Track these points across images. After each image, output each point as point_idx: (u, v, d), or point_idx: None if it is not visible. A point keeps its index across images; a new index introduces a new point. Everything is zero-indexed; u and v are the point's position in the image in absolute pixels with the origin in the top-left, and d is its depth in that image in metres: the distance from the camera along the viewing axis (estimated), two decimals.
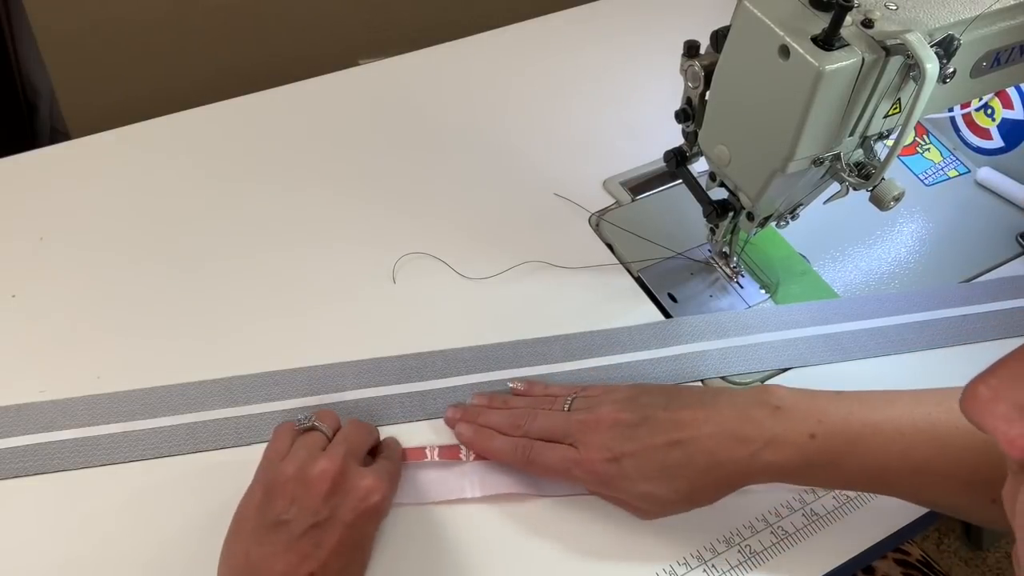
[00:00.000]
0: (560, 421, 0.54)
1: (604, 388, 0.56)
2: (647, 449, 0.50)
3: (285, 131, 0.78)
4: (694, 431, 0.50)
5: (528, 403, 0.57)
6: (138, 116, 0.78)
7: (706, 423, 0.50)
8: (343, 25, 1.20)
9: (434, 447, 0.57)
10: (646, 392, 0.54)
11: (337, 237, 0.70)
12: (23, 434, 0.57)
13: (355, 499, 0.49)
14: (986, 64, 0.55)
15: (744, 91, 0.53)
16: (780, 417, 0.49)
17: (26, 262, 0.67)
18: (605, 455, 0.51)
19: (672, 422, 0.51)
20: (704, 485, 0.50)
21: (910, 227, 0.75)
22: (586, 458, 0.51)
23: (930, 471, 0.48)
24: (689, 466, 0.50)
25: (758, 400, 0.50)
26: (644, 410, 0.52)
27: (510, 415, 0.56)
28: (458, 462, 0.56)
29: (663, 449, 0.50)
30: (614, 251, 0.71)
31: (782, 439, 0.49)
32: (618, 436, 0.51)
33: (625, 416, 0.52)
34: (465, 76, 0.85)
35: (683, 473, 0.50)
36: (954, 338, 0.66)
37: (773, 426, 0.49)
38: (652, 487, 0.50)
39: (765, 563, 0.54)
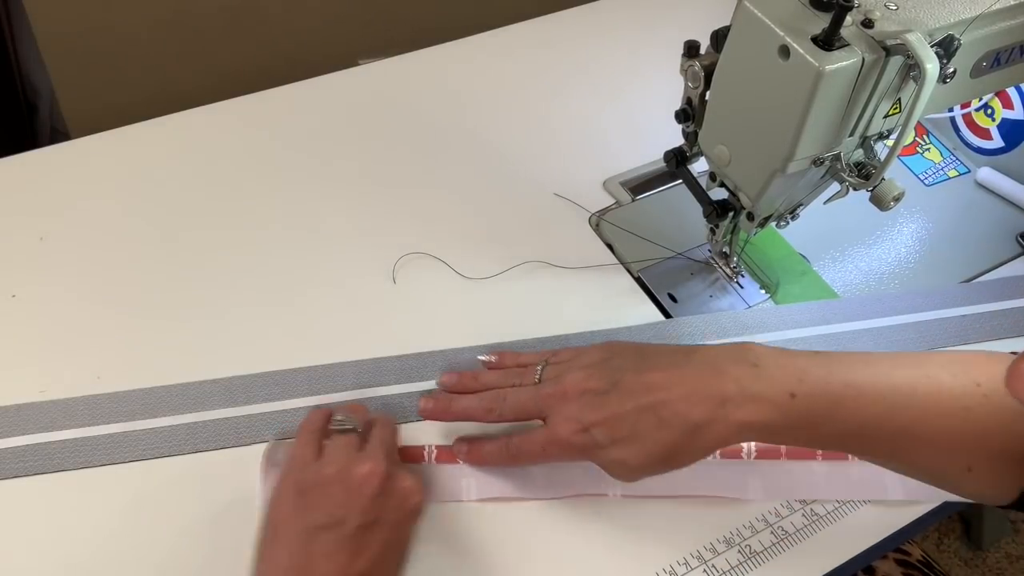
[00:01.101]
0: (530, 396, 0.53)
1: (574, 352, 0.55)
2: (616, 416, 0.49)
3: (285, 131, 0.78)
4: (665, 393, 0.48)
5: (498, 377, 0.57)
6: (138, 116, 0.78)
7: (679, 384, 0.48)
8: (343, 25, 1.20)
9: (432, 448, 0.57)
10: (617, 353, 0.52)
11: (337, 237, 0.70)
12: (23, 434, 0.57)
13: (399, 500, 0.49)
14: (986, 64, 0.55)
15: (744, 91, 0.53)
16: (758, 375, 0.47)
17: (26, 262, 0.67)
18: (574, 427, 0.50)
19: (642, 385, 0.49)
20: (679, 448, 0.48)
21: (910, 227, 0.75)
22: (557, 435, 0.50)
23: (909, 435, 0.47)
24: (662, 429, 0.48)
25: (735, 357, 0.49)
26: (613, 374, 0.50)
27: (481, 400, 0.55)
28: (456, 464, 0.56)
29: (633, 414, 0.48)
30: (614, 251, 0.71)
31: (761, 397, 0.47)
32: (586, 405, 0.50)
33: (593, 384, 0.51)
34: (465, 76, 0.85)
35: (656, 437, 0.48)
36: (954, 338, 0.66)
37: (751, 384, 0.47)
38: (624, 453, 0.49)
39: (765, 563, 0.54)
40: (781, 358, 0.49)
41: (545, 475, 0.56)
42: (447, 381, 0.59)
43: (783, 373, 0.48)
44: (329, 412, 0.54)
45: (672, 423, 0.48)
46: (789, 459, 0.56)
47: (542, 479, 0.56)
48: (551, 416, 0.51)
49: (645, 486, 0.53)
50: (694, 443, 0.48)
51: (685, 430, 0.48)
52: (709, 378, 0.48)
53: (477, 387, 0.58)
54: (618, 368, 0.51)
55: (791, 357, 0.49)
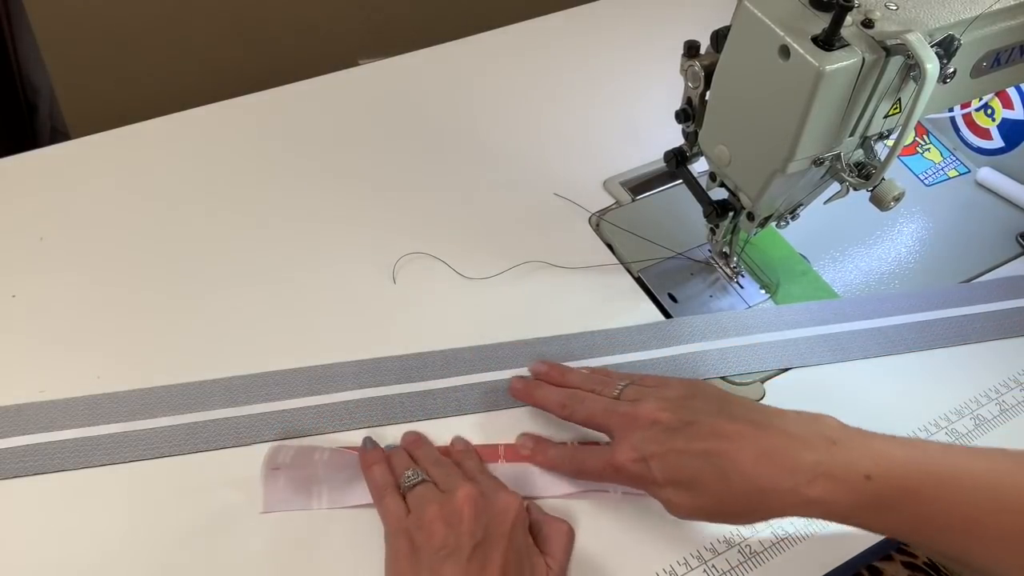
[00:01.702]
0: (603, 408, 0.53)
1: (659, 380, 0.55)
2: (677, 455, 0.48)
3: (285, 131, 0.78)
4: (735, 448, 0.47)
5: (582, 379, 0.58)
6: (138, 116, 0.78)
7: (753, 442, 0.47)
8: (343, 25, 1.20)
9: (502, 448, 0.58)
10: (699, 395, 0.52)
11: (337, 237, 0.70)
12: (23, 434, 0.57)
13: (500, 513, 0.49)
14: (986, 64, 0.55)
15: (744, 91, 0.53)
16: (836, 452, 0.46)
17: (26, 262, 0.67)
18: (634, 455, 0.50)
19: (714, 432, 0.48)
20: (735, 507, 0.47)
21: (910, 227, 0.75)
22: (616, 459, 0.50)
23: (982, 528, 0.45)
24: (721, 483, 0.47)
25: (814, 429, 0.47)
26: (688, 414, 0.50)
27: (560, 394, 0.56)
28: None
29: (696, 459, 0.48)
30: (614, 251, 0.71)
31: (836, 475, 0.45)
32: (651, 437, 0.49)
33: (665, 417, 0.50)
34: (465, 76, 0.85)
35: (713, 489, 0.47)
36: (954, 338, 0.66)
37: (828, 460, 0.46)
38: (677, 497, 0.48)
39: (765, 563, 0.54)
40: (858, 437, 0.47)
41: (548, 473, 0.56)
42: (538, 368, 0.60)
43: (860, 454, 0.46)
44: (383, 456, 0.55)
45: (733, 480, 0.47)
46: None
47: (545, 477, 0.56)
48: (616, 437, 0.52)
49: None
50: (753, 506, 0.47)
51: (747, 491, 0.47)
52: (785, 444, 0.47)
53: (562, 382, 0.58)
54: (695, 409, 0.50)
55: (868, 438, 0.48)
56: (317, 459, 0.56)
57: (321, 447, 0.56)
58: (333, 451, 0.56)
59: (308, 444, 0.57)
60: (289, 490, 0.54)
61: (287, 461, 0.55)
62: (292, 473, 0.55)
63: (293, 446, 0.56)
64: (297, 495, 0.54)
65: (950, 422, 0.61)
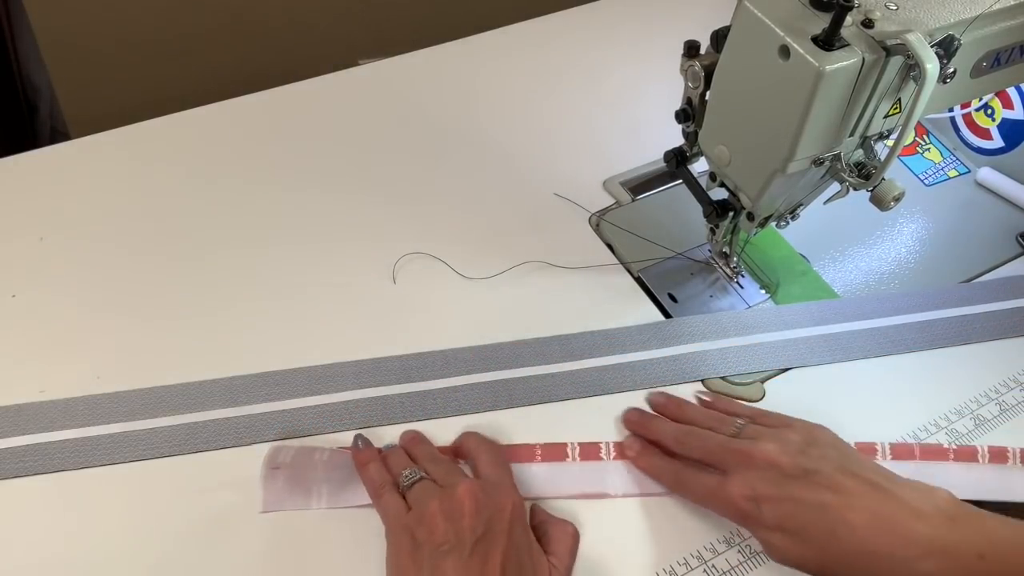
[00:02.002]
0: (719, 445, 0.53)
1: (780, 420, 0.55)
2: (791, 502, 0.48)
3: (285, 131, 0.78)
4: (851, 506, 0.47)
5: (700, 417, 0.57)
6: (138, 116, 0.78)
7: (871, 503, 0.47)
8: (343, 25, 1.20)
9: (536, 448, 0.57)
10: (820, 443, 0.51)
11: (337, 237, 0.70)
12: (23, 434, 0.57)
13: (499, 509, 0.49)
14: (986, 64, 0.55)
15: (744, 91, 0.53)
16: (952, 528, 0.46)
17: (26, 262, 0.67)
18: (746, 492, 0.49)
19: (833, 485, 0.48)
20: (838, 565, 0.46)
21: (910, 227, 0.75)
22: (728, 492, 0.50)
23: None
24: (830, 537, 0.46)
25: (931, 502, 0.47)
26: (808, 462, 0.49)
27: (677, 431, 0.56)
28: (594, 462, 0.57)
29: (810, 510, 0.47)
30: (614, 251, 0.71)
31: (951, 552, 0.45)
32: (768, 479, 0.49)
33: (784, 461, 0.49)
34: (465, 76, 0.85)
35: (820, 542, 0.47)
36: (954, 338, 0.66)
37: (944, 535, 0.45)
38: (781, 541, 0.48)
39: (765, 563, 0.54)
40: (973, 515, 0.47)
41: (547, 474, 0.56)
42: (655, 400, 0.60)
43: (974, 531, 0.46)
44: (377, 455, 0.55)
45: (843, 538, 0.46)
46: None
47: (544, 478, 0.56)
48: (730, 472, 0.51)
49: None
50: (857, 568, 0.46)
51: (855, 552, 0.46)
52: (902, 513, 0.46)
53: (679, 415, 0.58)
54: (816, 458, 0.50)
55: (981, 516, 0.47)
56: (317, 459, 0.56)
57: (322, 447, 0.56)
58: (333, 451, 0.56)
59: (308, 444, 0.57)
60: (288, 490, 0.54)
61: (287, 460, 0.55)
62: (292, 473, 0.55)
63: (294, 446, 0.56)
64: (296, 495, 0.54)
65: (950, 422, 0.61)
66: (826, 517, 0.47)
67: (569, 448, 0.57)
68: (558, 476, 0.57)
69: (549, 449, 0.57)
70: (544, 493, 0.56)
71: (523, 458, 0.57)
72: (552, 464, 0.57)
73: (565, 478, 0.56)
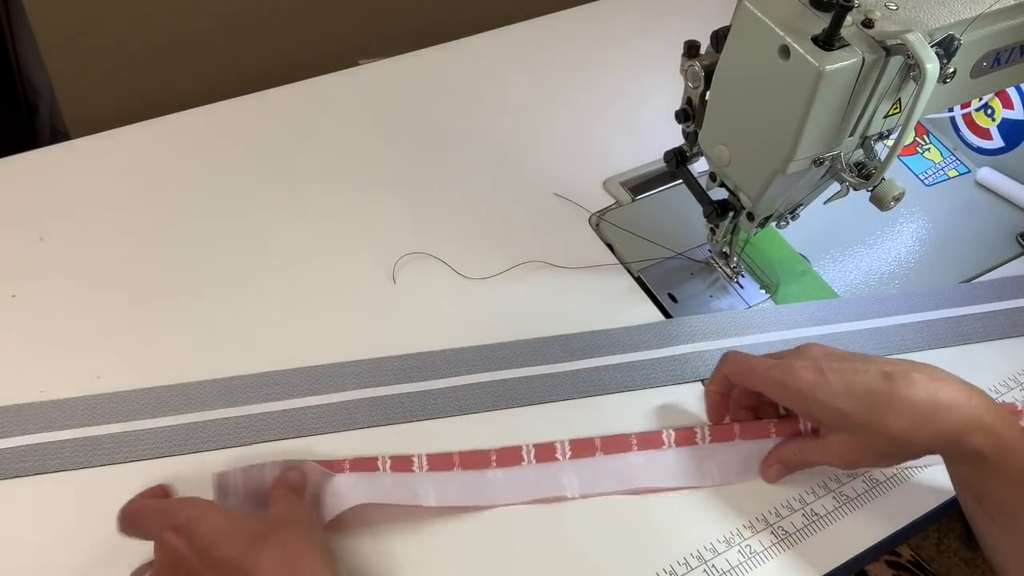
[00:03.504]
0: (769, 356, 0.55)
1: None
2: (852, 370, 0.50)
3: (285, 131, 0.78)
4: (911, 368, 0.49)
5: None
6: (138, 116, 0.78)
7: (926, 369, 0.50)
8: (343, 25, 1.20)
9: (387, 459, 0.55)
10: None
11: (337, 237, 0.70)
12: (23, 434, 0.57)
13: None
14: (986, 64, 0.55)
15: (744, 91, 0.53)
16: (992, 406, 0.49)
17: (26, 262, 0.67)
18: (809, 364, 0.51)
19: (886, 362, 0.50)
20: (905, 425, 0.48)
21: (910, 227, 0.75)
22: (791, 364, 0.51)
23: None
24: (895, 396, 0.48)
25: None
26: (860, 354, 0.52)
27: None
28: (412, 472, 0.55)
29: (871, 374, 0.49)
30: (614, 251, 0.71)
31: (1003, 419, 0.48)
32: (828, 355, 0.52)
33: (837, 350, 0.53)
34: (465, 76, 0.85)
35: (886, 401, 0.48)
36: (954, 338, 0.67)
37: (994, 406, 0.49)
38: (848, 406, 0.49)
39: (765, 563, 0.54)
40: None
41: (503, 480, 0.56)
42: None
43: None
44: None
45: (911, 392, 0.48)
46: (605, 454, 0.57)
47: (501, 484, 0.56)
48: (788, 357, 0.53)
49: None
50: (922, 420, 0.48)
51: (925, 400, 0.48)
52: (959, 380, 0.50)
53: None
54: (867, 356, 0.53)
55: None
56: (268, 474, 0.53)
57: (272, 462, 0.54)
58: (285, 463, 0.54)
59: (255, 464, 0.54)
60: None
61: (238, 486, 0.53)
62: (246, 499, 0.53)
63: (240, 471, 0.53)
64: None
65: None
66: (891, 379, 0.49)
67: (524, 451, 0.57)
68: (515, 482, 0.56)
69: (505, 454, 0.57)
70: (500, 501, 0.55)
71: (479, 464, 0.56)
72: (508, 470, 0.56)
73: (522, 483, 0.56)
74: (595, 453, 0.57)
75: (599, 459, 0.57)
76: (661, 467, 0.57)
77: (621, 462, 0.57)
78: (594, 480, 0.56)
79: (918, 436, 0.49)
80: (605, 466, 0.57)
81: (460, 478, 0.55)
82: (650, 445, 0.57)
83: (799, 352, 0.54)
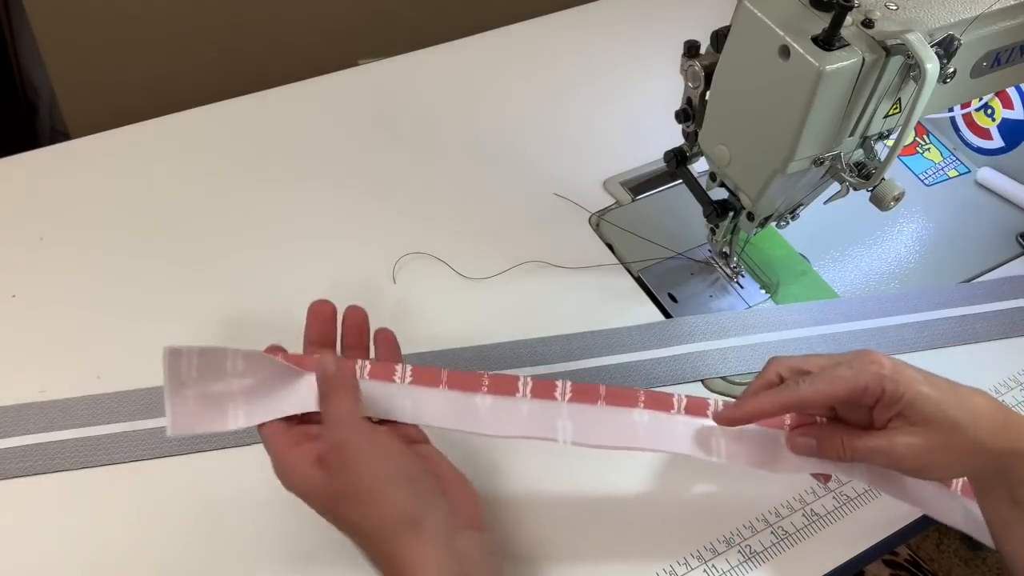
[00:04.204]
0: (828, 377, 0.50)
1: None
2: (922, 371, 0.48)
3: (285, 131, 0.78)
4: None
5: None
6: (138, 116, 0.78)
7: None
8: (343, 25, 1.20)
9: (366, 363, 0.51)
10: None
11: (337, 237, 0.70)
12: (23, 434, 0.57)
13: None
14: (986, 64, 0.55)
15: (744, 91, 0.53)
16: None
17: (26, 262, 0.67)
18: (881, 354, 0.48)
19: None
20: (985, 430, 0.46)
21: (910, 227, 0.75)
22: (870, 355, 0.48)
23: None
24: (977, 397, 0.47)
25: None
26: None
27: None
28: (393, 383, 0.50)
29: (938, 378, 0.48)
30: (614, 251, 0.71)
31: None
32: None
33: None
34: (465, 76, 0.85)
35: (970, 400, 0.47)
36: (954, 338, 0.67)
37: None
38: (934, 392, 0.46)
39: (765, 563, 0.54)
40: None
41: (492, 409, 0.50)
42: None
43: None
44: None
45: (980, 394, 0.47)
46: (608, 404, 0.52)
47: (488, 413, 0.50)
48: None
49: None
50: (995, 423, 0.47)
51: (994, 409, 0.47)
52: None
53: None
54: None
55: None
56: (229, 369, 0.47)
57: (233, 349, 0.47)
58: (247, 355, 0.47)
59: (216, 347, 0.47)
60: (199, 409, 0.46)
61: (193, 375, 0.46)
62: (201, 388, 0.46)
63: (196, 351, 0.46)
64: (209, 414, 0.46)
65: None
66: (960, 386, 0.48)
67: (521, 383, 0.51)
68: (504, 413, 0.50)
69: (499, 381, 0.51)
70: (484, 431, 0.50)
71: (469, 386, 0.51)
72: (499, 399, 0.50)
73: (512, 417, 0.50)
74: (597, 401, 0.51)
75: (600, 408, 0.51)
76: (665, 429, 0.51)
77: (624, 417, 0.51)
78: (591, 430, 0.50)
79: (994, 444, 0.46)
80: (606, 417, 0.51)
81: (444, 397, 0.50)
82: (658, 406, 0.51)
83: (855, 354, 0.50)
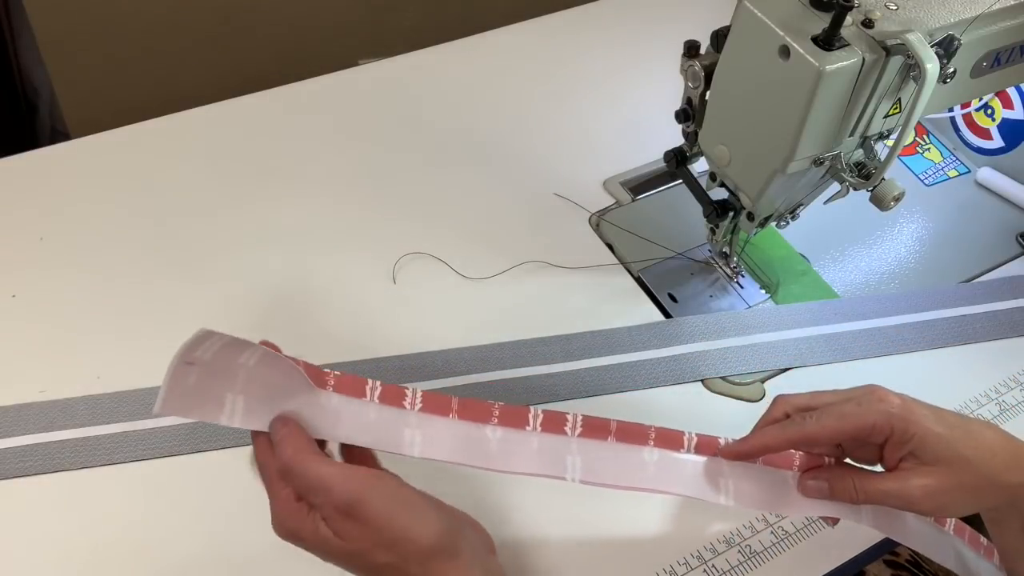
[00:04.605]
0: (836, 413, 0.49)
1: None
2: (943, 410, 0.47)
3: (285, 131, 0.78)
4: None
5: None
6: (138, 116, 0.78)
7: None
8: (343, 25, 1.20)
9: (377, 385, 0.48)
10: None
11: (337, 237, 0.70)
12: (23, 434, 0.57)
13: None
14: (986, 64, 0.55)
15: (744, 91, 0.53)
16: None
17: (26, 262, 0.67)
18: (890, 391, 0.47)
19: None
20: (1000, 464, 0.46)
21: (910, 227, 0.75)
22: (879, 392, 0.47)
23: None
24: (988, 432, 0.47)
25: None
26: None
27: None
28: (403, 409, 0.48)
29: (953, 415, 0.47)
30: (614, 251, 0.71)
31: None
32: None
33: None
34: (465, 76, 0.85)
35: (980, 435, 0.46)
36: (954, 338, 0.66)
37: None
38: (942, 428, 0.46)
39: (765, 563, 0.54)
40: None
41: (501, 442, 0.48)
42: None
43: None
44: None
45: (989, 429, 0.47)
46: (618, 441, 0.50)
47: (497, 446, 0.48)
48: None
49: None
50: (995, 466, 0.46)
51: (1002, 442, 0.47)
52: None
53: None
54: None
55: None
56: (243, 362, 0.44)
57: (254, 346, 0.44)
58: (265, 354, 0.45)
59: (245, 340, 0.44)
60: (197, 393, 0.43)
61: (207, 357, 0.44)
62: (207, 372, 0.44)
63: (227, 338, 0.43)
64: (204, 402, 0.44)
65: None
66: (969, 420, 0.48)
67: (531, 416, 0.49)
68: (513, 447, 0.48)
69: (509, 412, 0.49)
70: (493, 466, 0.48)
71: (479, 417, 0.48)
72: (509, 431, 0.48)
73: (521, 451, 0.48)
74: (607, 437, 0.49)
75: (610, 445, 0.49)
76: (674, 470, 0.50)
77: (633, 455, 0.49)
78: (599, 468, 0.49)
79: (1008, 478, 0.46)
80: (614, 455, 0.49)
81: (453, 429, 0.48)
82: (668, 444, 0.50)
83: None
